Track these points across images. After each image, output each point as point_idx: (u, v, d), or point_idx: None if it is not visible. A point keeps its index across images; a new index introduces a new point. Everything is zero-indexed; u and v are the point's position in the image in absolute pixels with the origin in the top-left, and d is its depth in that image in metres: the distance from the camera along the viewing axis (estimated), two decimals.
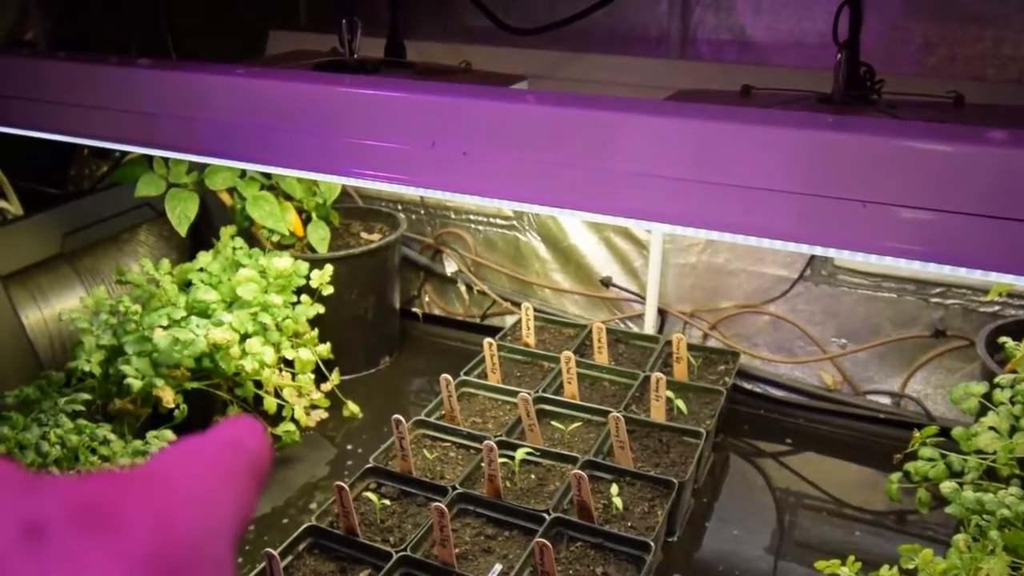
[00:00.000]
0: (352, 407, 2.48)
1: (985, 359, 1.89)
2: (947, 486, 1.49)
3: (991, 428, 1.57)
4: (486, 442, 1.86)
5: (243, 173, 2.51)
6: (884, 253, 1.05)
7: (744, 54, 2.28)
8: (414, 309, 3.06)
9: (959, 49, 2.12)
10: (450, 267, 2.97)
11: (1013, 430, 1.56)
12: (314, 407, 2.37)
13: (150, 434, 1.82)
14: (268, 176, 2.59)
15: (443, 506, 1.68)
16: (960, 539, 1.45)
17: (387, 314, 2.80)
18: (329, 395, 2.45)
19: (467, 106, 1.30)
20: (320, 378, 2.47)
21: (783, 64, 2.22)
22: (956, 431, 1.71)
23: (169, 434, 1.84)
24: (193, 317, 2.09)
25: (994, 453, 1.54)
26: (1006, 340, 1.67)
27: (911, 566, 1.48)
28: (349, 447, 2.41)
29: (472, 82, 1.88)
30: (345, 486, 1.77)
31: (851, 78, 1.52)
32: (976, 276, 1.06)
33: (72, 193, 2.73)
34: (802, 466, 2.34)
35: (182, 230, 2.32)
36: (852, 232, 1.10)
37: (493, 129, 1.29)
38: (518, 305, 2.67)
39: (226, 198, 2.52)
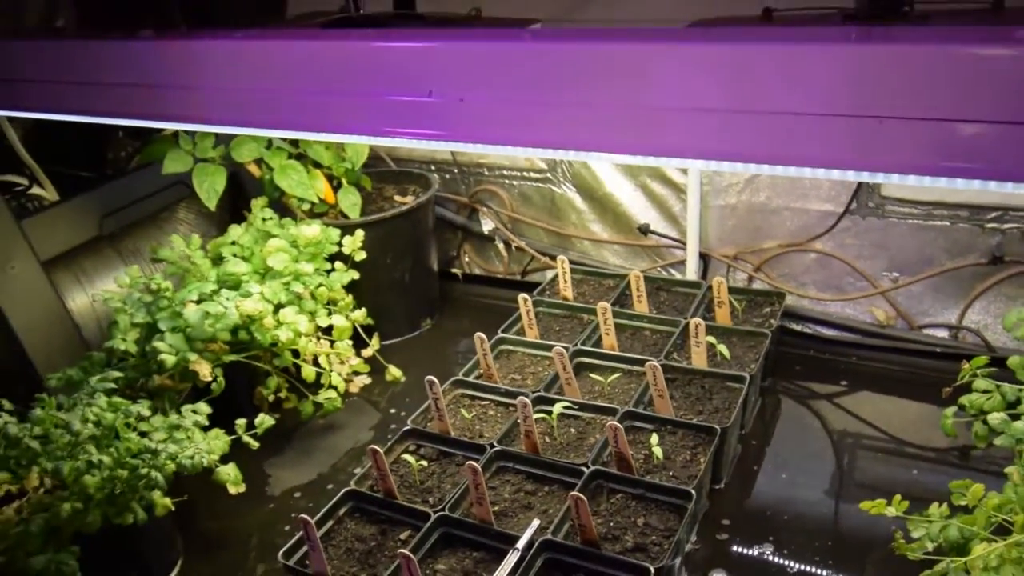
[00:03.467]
0: (394, 371, 2.48)
1: None
2: (995, 417, 1.41)
3: None
4: (520, 398, 1.83)
5: (269, 143, 2.50)
6: (922, 172, 0.97)
7: None
8: (453, 270, 3.03)
9: None
10: (487, 225, 2.93)
11: None
12: (357, 373, 2.38)
13: (185, 408, 1.84)
14: (296, 144, 2.57)
15: (477, 464, 1.66)
16: (1014, 471, 1.37)
17: (425, 276, 2.78)
18: (370, 361, 2.45)
19: (459, 50, 1.24)
20: (360, 344, 2.47)
21: None
22: (1012, 360, 1.62)
23: (204, 407, 1.86)
24: (224, 290, 2.09)
25: None
26: None
27: (963, 502, 1.40)
28: (392, 411, 2.41)
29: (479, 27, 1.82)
30: (379, 449, 1.76)
31: None
32: None
33: (106, 175, 2.76)
34: (858, 406, 2.26)
35: (211, 204, 2.33)
36: (890, 153, 1.01)
37: (489, 72, 1.23)
38: (557, 260, 2.62)
39: (254, 170, 2.52)
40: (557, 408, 1.93)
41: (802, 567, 1.74)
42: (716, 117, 1.08)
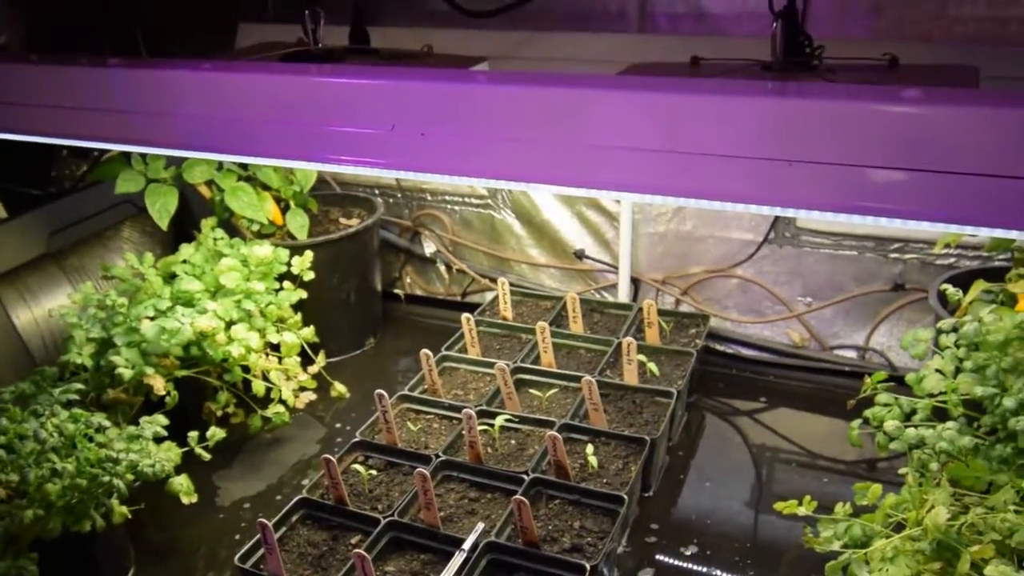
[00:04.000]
0: (339, 387, 2.56)
1: (936, 308, 1.98)
2: (890, 424, 1.58)
3: (937, 371, 1.66)
4: (465, 410, 1.95)
5: (220, 166, 2.58)
6: (813, 208, 1.13)
7: (699, 26, 2.35)
8: (396, 290, 3.14)
9: (906, 12, 2.19)
10: (429, 248, 3.05)
11: (957, 371, 1.65)
12: (303, 389, 2.45)
13: (143, 419, 1.90)
14: (245, 167, 2.65)
15: (426, 472, 1.77)
16: (909, 473, 1.54)
17: (370, 296, 2.88)
18: (316, 377, 2.53)
19: (422, 89, 1.37)
20: (307, 361, 2.54)
21: (736, 34, 2.30)
22: (908, 376, 1.80)
23: (162, 419, 1.92)
24: (178, 307, 2.16)
25: (941, 394, 1.63)
26: (947, 287, 1.76)
27: (865, 502, 1.57)
28: (338, 425, 2.49)
29: (433, 66, 1.95)
30: (332, 458, 1.86)
31: (791, 45, 1.60)
32: (923, 228, 1.14)
33: (55, 193, 2.79)
34: (775, 421, 2.44)
35: (163, 224, 2.39)
36: (798, 191, 1.17)
37: (449, 110, 1.36)
38: (496, 282, 2.75)
39: (204, 191, 2.59)
40: (499, 421, 2.06)
41: (723, 567, 1.89)
42: (647, 156, 1.24)
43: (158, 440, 1.98)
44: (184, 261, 2.40)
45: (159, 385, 2.06)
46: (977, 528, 1.43)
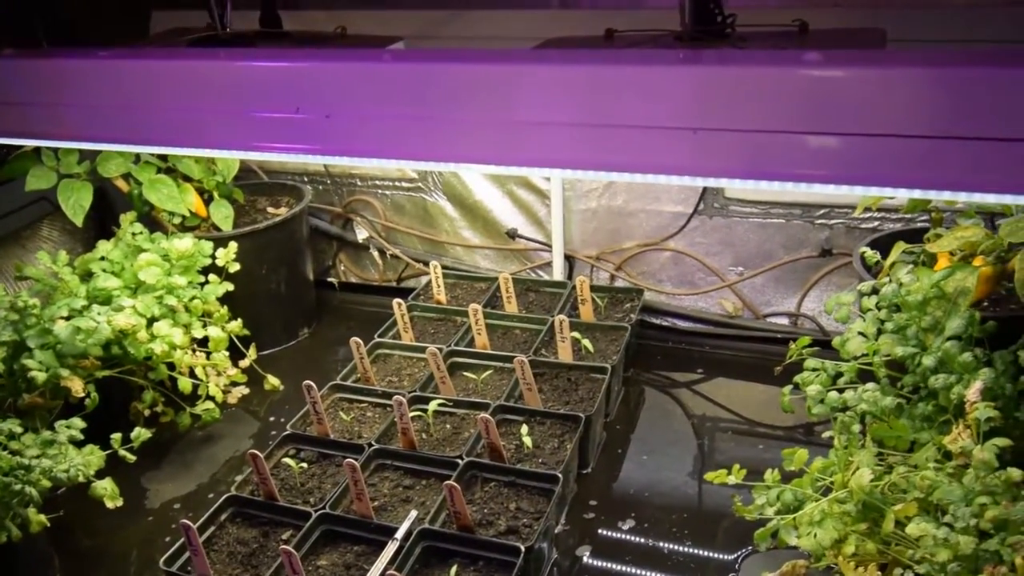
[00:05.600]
0: (272, 380, 2.51)
1: (860, 272, 2.00)
2: (812, 389, 1.59)
3: (860, 333, 1.67)
4: (396, 397, 1.92)
5: (137, 158, 2.49)
6: (713, 175, 1.12)
7: None
8: (330, 279, 3.09)
9: None
10: (361, 234, 3.00)
11: (879, 333, 1.67)
12: (234, 384, 2.39)
13: (59, 424, 1.83)
14: (164, 159, 2.57)
15: (355, 462, 1.73)
16: (836, 438, 1.55)
17: (301, 286, 2.82)
18: (248, 371, 2.47)
19: (326, 70, 1.33)
20: (238, 355, 2.48)
21: (656, 6, 2.28)
22: (835, 340, 1.82)
23: (78, 422, 1.85)
24: (95, 306, 2.09)
25: (864, 356, 1.65)
26: (864, 250, 1.77)
27: (793, 467, 1.58)
28: (272, 419, 2.44)
29: (345, 47, 1.90)
30: (259, 454, 1.81)
31: (702, 15, 1.58)
32: (845, 193, 1.13)
33: None
34: (713, 391, 2.45)
35: (78, 220, 2.31)
36: (717, 160, 1.16)
37: (355, 90, 1.32)
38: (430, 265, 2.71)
39: (122, 185, 2.50)
40: (432, 406, 2.03)
41: (661, 538, 1.90)
42: (567, 130, 1.21)
43: (79, 444, 1.91)
44: (102, 258, 2.32)
45: (77, 387, 1.99)
46: (900, 487, 1.45)
